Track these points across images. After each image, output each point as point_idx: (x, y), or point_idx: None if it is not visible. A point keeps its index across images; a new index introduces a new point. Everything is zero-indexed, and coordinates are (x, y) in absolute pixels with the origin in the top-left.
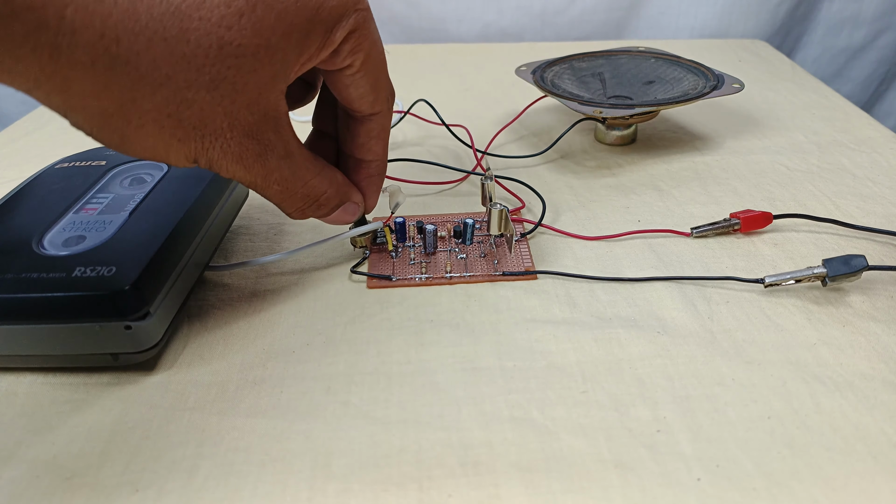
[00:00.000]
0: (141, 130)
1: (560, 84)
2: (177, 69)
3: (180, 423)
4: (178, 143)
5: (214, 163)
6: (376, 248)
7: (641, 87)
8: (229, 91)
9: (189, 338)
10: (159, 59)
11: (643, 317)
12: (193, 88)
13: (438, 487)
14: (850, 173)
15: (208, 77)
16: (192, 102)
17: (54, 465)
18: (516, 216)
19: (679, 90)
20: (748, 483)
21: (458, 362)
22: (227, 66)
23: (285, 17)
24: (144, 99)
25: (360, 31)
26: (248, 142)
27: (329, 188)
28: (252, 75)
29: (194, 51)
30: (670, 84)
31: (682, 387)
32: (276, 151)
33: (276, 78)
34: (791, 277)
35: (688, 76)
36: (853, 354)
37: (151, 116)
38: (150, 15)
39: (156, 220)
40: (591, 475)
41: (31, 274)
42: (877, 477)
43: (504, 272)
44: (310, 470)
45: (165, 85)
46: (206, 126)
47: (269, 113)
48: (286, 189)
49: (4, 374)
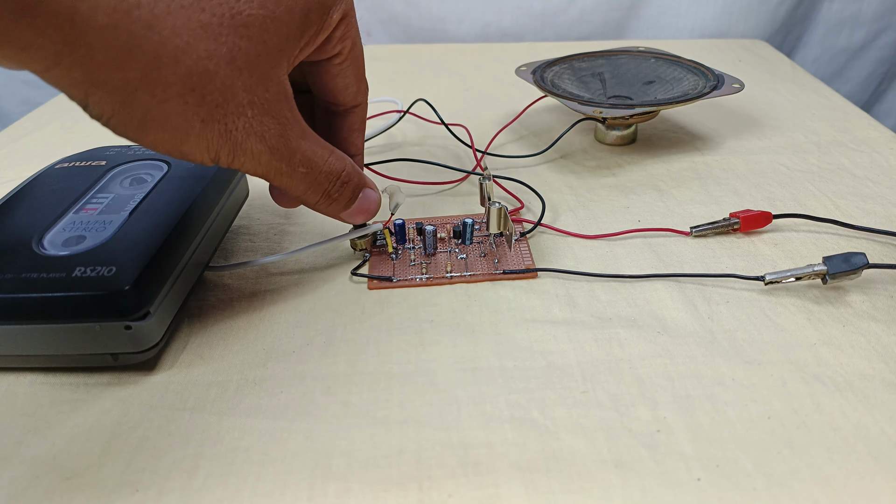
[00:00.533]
0: (165, 105)
1: (560, 84)
2: (196, 37)
3: (180, 423)
4: (201, 124)
5: (239, 147)
6: (376, 250)
7: (642, 88)
8: (246, 64)
9: (189, 338)
10: (179, 26)
11: (643, 316)
12: (214, 59)
13: (438, 487)
14: (850, 173)
15: (225, 48)
16: (213, 75)
17: (54, 465)
18: (515, 216)
19: (679, 90)
20: (748, 483)
21: (458, 362)
22: (240, 35)
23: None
24: (168, 68)
25: (349, 17)
26: (268, 120)
27: (346, 165)
28: (263, 47)
29: (209, 19)
30: (670, 84)
31: (682, 387)
32: (295, 130)
33: (282, 52)
34: (791, 275)
35: (688, 76)
36: (853, 354)
37: (176, 90)
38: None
39: (156, 220)
40: (591, 475)
41: (31, 274)
42: (877, 477)
43: (504, 271)
44: (310, 470)
45: (187, 53)
46: (229, 102)
47: (282, 90)
48: (311, 170)
49: (4, 374)
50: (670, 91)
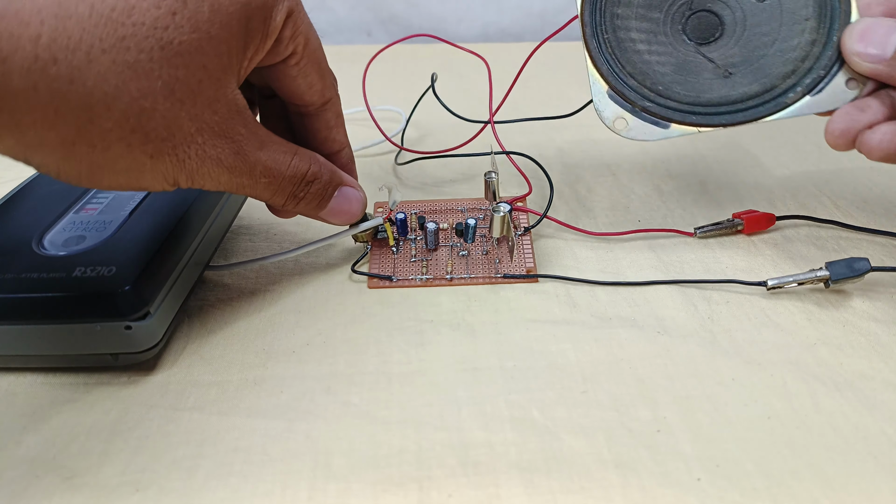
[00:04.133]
0: (108, 153)
1: (632, 44)
2: (125, 79)
3: (180, 423)
4: (151, 161)
5: (196, 173)
6: (377, 242)
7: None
8: (187, 93)
9: (189, 338)
10: (104, 72)
11: (643, 317)
12: (150, 97)
13: (438, 487)
14: (850, 174)
15: (161, 82)
16: (152, 112)
17: (54, 465)
18: (522, 203)
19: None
20: (748, 483)
21: (458, 362)
22: (174, 66)
23: (220, 8)
24: (101, 117)
25: (296, 14)
26: (221, 142)
27: (312, 164)
28: (203, 72)
29: (137, 57)
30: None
31: (682, 387)
32: (252, 144)
33: (227, 71)
34: (794, 280)
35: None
36: (853, 354)
37: (115, 135)
38: (83, 29)
39: (156, 220)
40: (591, 475)
41: (31, 274)
42: (877, 477)
43: (505, 275)
44: (310, 470)
45: (119, 97)
46: (175, 135)
47: (232, 108)
48: (273, 178)
49: (4, 374)
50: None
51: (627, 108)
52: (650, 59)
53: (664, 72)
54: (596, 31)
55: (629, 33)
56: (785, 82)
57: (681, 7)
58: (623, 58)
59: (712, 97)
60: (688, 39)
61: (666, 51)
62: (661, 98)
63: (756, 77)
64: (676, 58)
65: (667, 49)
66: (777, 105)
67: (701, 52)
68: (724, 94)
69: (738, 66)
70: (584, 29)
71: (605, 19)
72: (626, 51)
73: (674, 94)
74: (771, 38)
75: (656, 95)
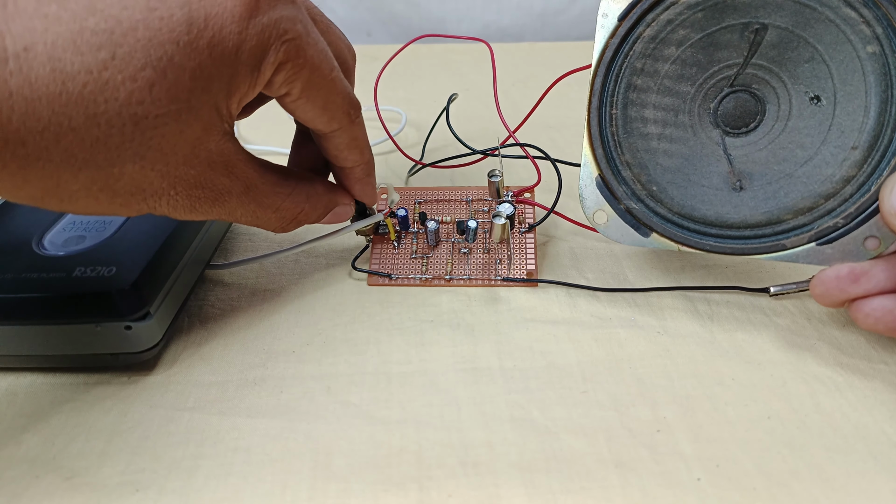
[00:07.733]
0: (77, 205)
1: (666, 79)
2: (93, 152)
3: (180, 423)
4: (121, 208)
5: (172, 213)
6: (378, 237)
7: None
8: (159, 156)
9: (189, 338)
10: (72, 147)
11: (643, 317)
12: (118, 164)
13: (438, 487)
14: None
15: (131, 151)
16: (120, 176)
17: (54, 465)
18: (529, 195)
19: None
20: (748, 483)
21: (458, 362)
22: (148, 137)
23: (202, 73)
24: (68, 183)
25: (292, 61)
26: (197, 192)
27: (305, 205)
28: (180, 136)
29: (107, 132)
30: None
31: (682, 387)
32: (234, 191)
33: (209, 129)
34: (797, 287)
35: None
36: (853, 354)
37: (82, 194)
38: (52, 110)
39: (156, 220)
40: (591, 475)
41: (31, 274)
42: (877, 477)
43: (504, 278)
44: (310, 470)
45: (85, 168)
46: (145, 190)
47: (214, 160)
48: (257, 219)
49: (4, 374)
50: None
51: (611, 203)
52: (656, 148)
53: (667, 166)
54: (602, 104)
55: (642, 111)
56: (796, 219)
57: (720, 82)
58: (625, 142)
59: (707, 214)
60: (714, 124)
61: (681, 136)
62: (651, 201)
63: (766, 201)
64: (691, 148)
65: (683, 134)
66: (773, 247)
67: (724, 143)
68: (722, 215)
69: (753, 180)
70: (591, 99)
71: (618, 89)
72: (631, 133)
73: (667, 198)
74: (807, 155)
75: (647, 196)
